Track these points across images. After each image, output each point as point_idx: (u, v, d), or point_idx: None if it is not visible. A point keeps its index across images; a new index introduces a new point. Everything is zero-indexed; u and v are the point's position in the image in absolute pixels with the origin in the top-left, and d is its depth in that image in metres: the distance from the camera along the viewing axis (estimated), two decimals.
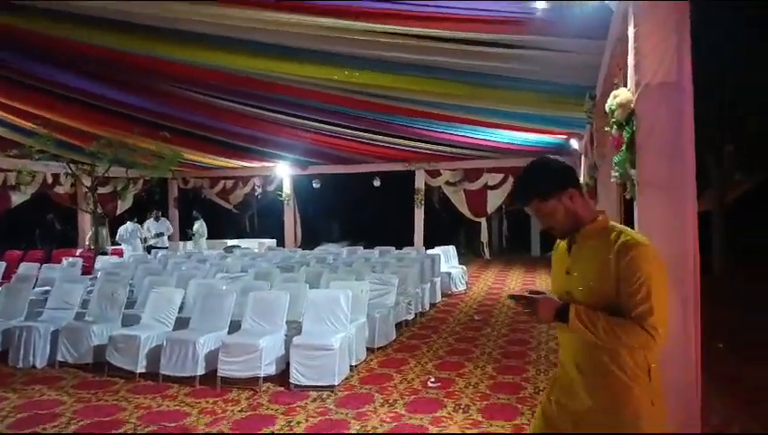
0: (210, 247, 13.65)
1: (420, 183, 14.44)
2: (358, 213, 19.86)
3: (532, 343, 6.66)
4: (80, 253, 11.92)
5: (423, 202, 14.51)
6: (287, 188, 15.70)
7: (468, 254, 16.77)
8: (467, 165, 13.97)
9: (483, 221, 16.20)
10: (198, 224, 14.10)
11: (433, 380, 5.34)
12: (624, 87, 3.15)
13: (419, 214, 14.52)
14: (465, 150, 12.54)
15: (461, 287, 10.86)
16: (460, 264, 11.86)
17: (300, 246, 15.22)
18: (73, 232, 13.93)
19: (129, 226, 13.19)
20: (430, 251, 11.40)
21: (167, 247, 12.97)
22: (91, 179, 11.51)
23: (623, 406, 1.77)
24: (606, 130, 3.35)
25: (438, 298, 9.67)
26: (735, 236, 12.45)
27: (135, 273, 8.39)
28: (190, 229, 14.42)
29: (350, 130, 10.22)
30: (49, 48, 6.46)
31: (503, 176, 13.74)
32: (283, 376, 5.30)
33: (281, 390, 5.14)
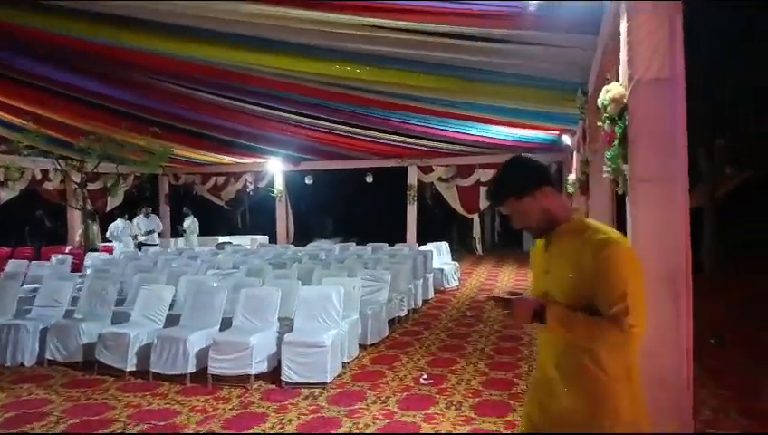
0: (201, 244, 13.58)
1: (413, 179, 14.42)
2: (350, 209, 19.82)
3: (524, 339, 6.66)
4: (69, 250, 11.81)
5: (416, 198, 14.50)
6: (279, 184, 15.64)
7: (461, 250, 16.78)
8: (460, 161, 13.95)
9: (475, 217, 16.23)
10: (190, 220, 14.02)
11: (425, 376, 5.33)
12: (616, 82, 3.14)
13: (412, 210, 14.50)
14: (457, 147, 12.52)
15: (454, 283, 10.86)
16: (453, 260, 11.85)
17: (292, 242, 15.17)
18: (63, 229, 13.81)
19: (119, 222, 13.08)
20: (423, 247, 11.38)
21: (157, 244, 12.89)
22: (80, 175, 11.41)
23: (603, 406, 1.75)
24: (598, 125, 3.34)
25: (431, 294, 9.66)
26: (726, 230, 12.52)
27: (125, 270, 8.31)
28: (181, 226, 14.33)
29: (342, 125, 10.18)
30: (34, 42, 6.37)
31: (495, 172, 13.67)
32: (274, 374, 5.26)
33: (272, 387, 5.11)
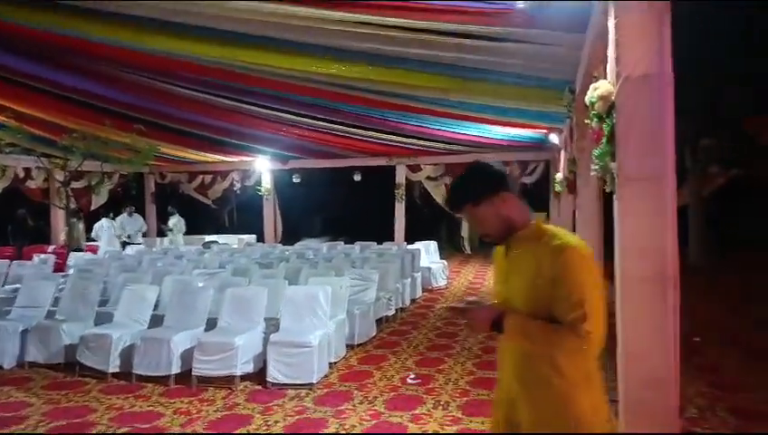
0: (187, 243, 13.42)
1: (401, 178, 14.38)
2: (339, 208, 19.74)
3: None
4: (53, 249, 11.61)
5: (404, 197, 14.46)
6: (267, 182, 15.52)
7: (449, 249, 16.77)
8: (448, 160, 13.92)
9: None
10: (176, 219, 13.85)
11: (413, 376, 5.30)
12: (604, 80, 3.11)
13: (400, 209, 14.46)
14: (445, 145, 12.49)
15: (442, 282, 10.84)
16: (441, 259, 11.83)
17: (280, 241, 15.06)
18: (47, 228, 13.58)
19: (104, 222, 12.92)
20: (411, 246, 11.35)
21: (140, 243, 12.74)
22: (64, 174, 11.23)
23: (565, 413, 1.72)
24: (586, 123, 3.31)
25: (419, 293, 9.64)
26: (712, 229, 12.63)
27: (109, 270, 8.18)
28: (165, 225, 14.15)
29: (329, 123, 10.10)
30: (14, 37, 6.23)
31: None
32: (260, 374, 5.20)
33: (258, 388, 5.05)
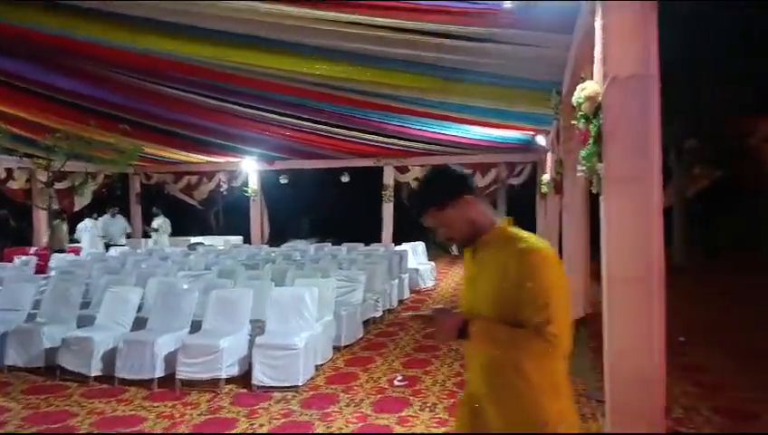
0: (173, 245, 13.26)
1: (389, 179, 14.36)
2: (326, 209, 19.66)
3: None
4: (35, 251, 11.41)
5: (392, 198, 14.44)
6: (253, 183, 15.40)
7: (436, 250, 16.77)
8: (436, 161, 13.91)
9: None
10: (161, 220, 13.67)
11: (400, 378, 5.27)
12: (591, 81, 3.11)
13: (388, 210, 14.44)
14: (433, 147, 12.51)
15: (429, 283, 10.84)
16: (428, 260, 11.83)
17: (267, 242, 14.95)
18: (29, 229, 13.36)
19: (87, 222, 12.75)
20: (398, 247, 11.34)
21: (123, 245, 12.59)
22: (47, 174, 11.05)
23: (531, 420, 1.70)
24: (573, 124, 3.31)
25: (406, 295, 9.61)
26: (696, 230, 12.76)
27: (92, 271, 8.06)
28: (149, 226, 13.98)
29: (316, 124, 10.05)
30: None
31: (470, 172, 13.59)
32: (245, 377, 5.14)
33: (243, 391, 4.98)
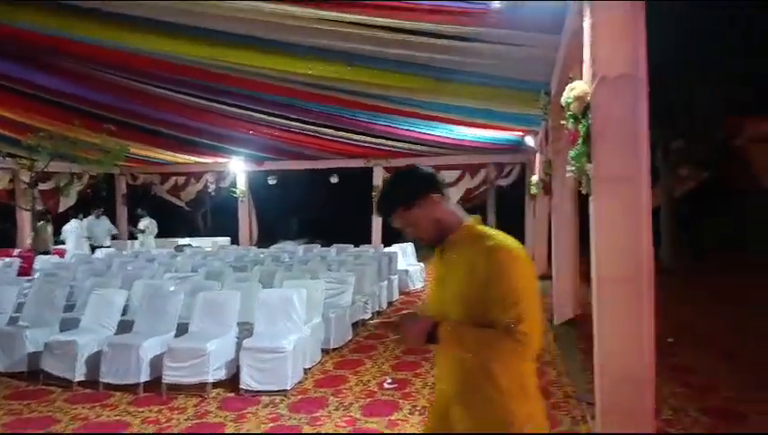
0: (159, 246, 13.12)
1: (378, 180, 14.30)
2: (315, 210, 19.57)
3: None
4: (18, 253, 11.24)
5: None
6: (241, 184, 15.30)
7: (426, 251, 16.78)
8: (425, 162, 13.86)
9: None
10: (147, 221, 13.51)
11: (389, 381, 5.23)
12: (580, 80, 3.10)
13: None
14: (422, 147, 12.50)
15: (419, 285, 10.80)
16: (418, 261, 11.80)
17: (255, 244, 14.85)
18: (12, 231, 13.14)
19: (73, 224, 12.57)
20: (388, 249, 11.30)
21: (108, 247, 12.43)
22: (30, 175, 10.88)
23: (498, 423, 1.68)
24: (562, 124, 3.30)
25: (396, 296, 9.57)
26: (684, 230, 12.86)
27: (77, 274, 7.94)
28: (135, 228, 13.80)
29: (305, 124, 10.00)
30: None
31: (459, 173, 13.76)
32: (233, 381, 5.06)
33: (231, 395, 4.91)
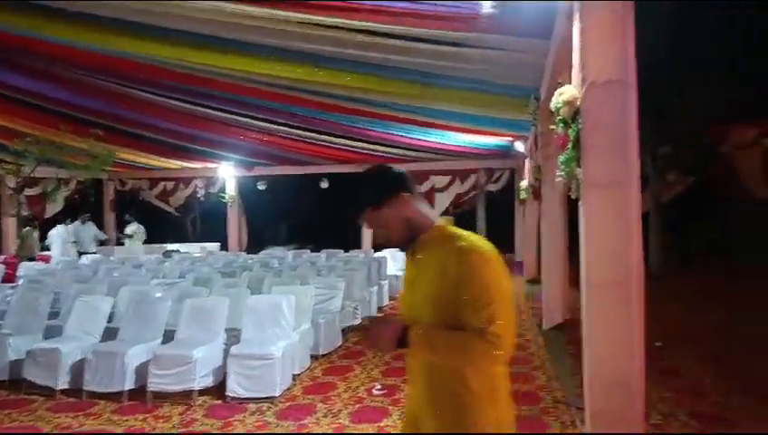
0: (148, 252, 12.98)
1: None
2: (305, 216, 19.52)
3: None
4: (2, 259, 11.07)
5: None
6: (231, 189, 15.21)
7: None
8: (414, 167, 13.90)
9: None
10: (135, 226, 13.37)
11: (379, 387, 5.18)
12: (570, 85, 3.10)
13: None
14: (412, 153, 12.50)
15: None
16: None
17: (245, 249, 14.75)
18: None
19: (59, 229, 12.42)
20: (378, 254, 11.26)
21: (95, 253, 12.29)
22: (16, 180, 10.75)
23: (465, 426, 1.65)
24: (552, 128, 3.30)
25: (386, 302, 9.53)
26: (672, 235, 12.95)
27: (62, 280, 7.81)
28: (122, 233, 13.65)
29: (295, 130, 9.96)
30: None
31: (449, 178, 13.84)
32: (220, 388, 4.98)
33: (217, 403, 4.84)
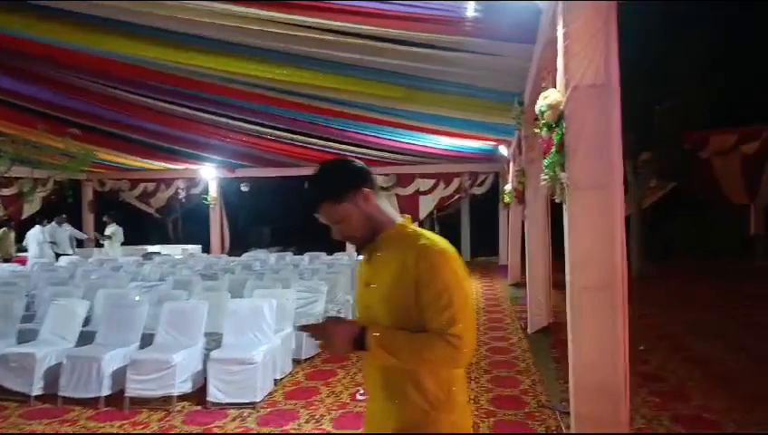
0: (127, 254, 12.73)
1: None
2: (288, 218, 19.39)
3: None
4: None
5: None
6: (213, 191, 15.05)
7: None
8: (399, 170, 13.98)
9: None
10: (114, 228, 13.10)
11: (362, 392, 5.13)
12: (554, 89, 3.10)
13: None
14: (397, 156, 12.51)
15: None
16: None
17: (227, 252, 14.60)
18: None
19: (35, 230, 12.15)
20: (361, 257, 11.21)
21: (71, 254, 12.05)
22: None
23: (419, 429, 1.62)
24: (536, 132, 3.29)
25: None
26: (653, 238, 13.12)
27: (38, 283, 7.64)
28: (101, 234, 13.37)
29: (278, 131, 9.89)
30: None
31: (434, 181, 13.93)
32: (199, 394, 4.89)
33: (197, 409, 4.74)
